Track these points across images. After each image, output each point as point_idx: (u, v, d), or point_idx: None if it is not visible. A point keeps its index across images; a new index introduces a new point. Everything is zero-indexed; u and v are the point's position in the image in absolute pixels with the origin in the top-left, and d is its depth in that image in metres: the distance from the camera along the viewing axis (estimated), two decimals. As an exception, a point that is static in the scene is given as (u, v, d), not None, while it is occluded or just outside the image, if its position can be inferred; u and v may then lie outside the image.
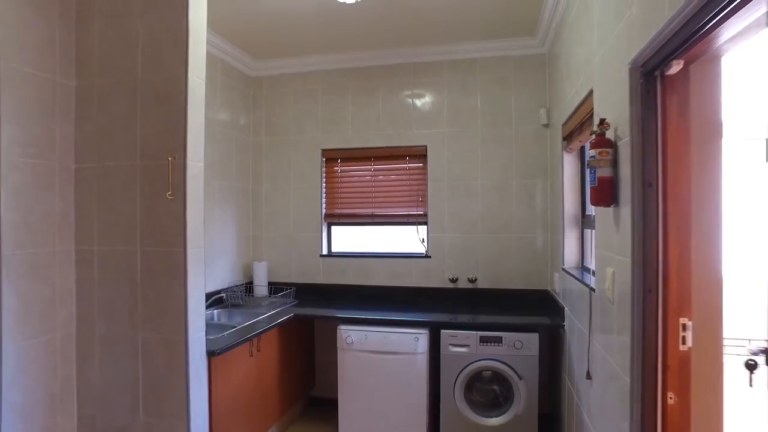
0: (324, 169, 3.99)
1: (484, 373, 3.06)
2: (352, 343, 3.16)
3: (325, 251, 3.99)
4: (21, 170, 2.06)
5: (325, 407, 3.75)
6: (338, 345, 3.20)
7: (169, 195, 2.18)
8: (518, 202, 3.58)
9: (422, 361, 3.07)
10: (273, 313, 3.27)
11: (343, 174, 3.97)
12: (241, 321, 3.06)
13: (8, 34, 1.99)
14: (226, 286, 3.61)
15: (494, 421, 2.98)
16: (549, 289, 3.46)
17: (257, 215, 4.07)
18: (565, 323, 2.87)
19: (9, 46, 1.99)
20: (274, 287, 3.83)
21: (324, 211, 3.99)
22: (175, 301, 2.20)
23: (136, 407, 2.28)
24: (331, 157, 3.97)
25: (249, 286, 3.83)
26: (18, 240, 2.05)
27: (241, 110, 3.91)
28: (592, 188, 1.83)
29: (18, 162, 2.04)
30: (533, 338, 2.93)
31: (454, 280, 3.66)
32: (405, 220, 3.84)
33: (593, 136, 1.84)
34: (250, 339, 2.76)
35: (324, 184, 3.99)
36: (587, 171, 1.92)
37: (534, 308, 3.37)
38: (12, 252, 2.01)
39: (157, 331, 2.23)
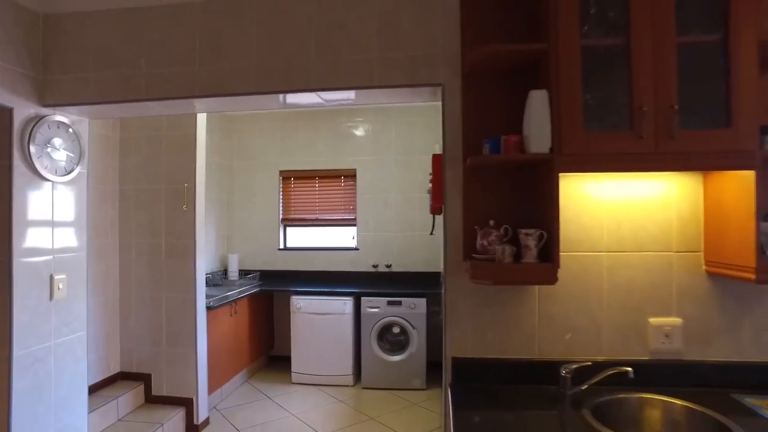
0: (281, 184, 5.37)
1: (393, 328, 4.51)
2: (301, 308, 4.56)
3: (282, 246, 5.37)
4: (95, 192, 3.36)
5: (282, 362, 5.10)
6: (291, 310, 4.60)
7: (184, 207, 3.52)
8: (420, 210, 5.07)
9: (348, 319, 4.51)
10: (244, 288, 4.62)
11: (296, 188, 5.36)
12: (221, 293, 4.38)
13: (89, 111, 3.30)
14: (208, 271, 4.92)
15: (397, 357, 4.45)
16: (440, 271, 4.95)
17: (231, 219, 5.40)
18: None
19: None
20: (244, 273, 5.17)
21: (281, 215, 5.37)
22: (188, 273, 3.54)
23: (161, 341, 3.60)
24: (287, 176, 5.36)
25: (225, 272, 5.15)
26: (93, 235, 3.35)
27: (220, 140, 5.23)
28: (430, 205, 3.31)
29: (95, 187, 3.35)
30: (422, 302, 4.42)
31: (375, 266, 5.12)
32: (340, 222, 5.27)
33: (431, 175, 3.32)
34: (230, 302, 4.12)
35: (281, 196, 5.37)
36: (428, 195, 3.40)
37: (430, 284, 4.85)
38: (92, 242, 3.32)
39: (176, 292, 3.56)
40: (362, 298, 4.51)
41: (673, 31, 1.59)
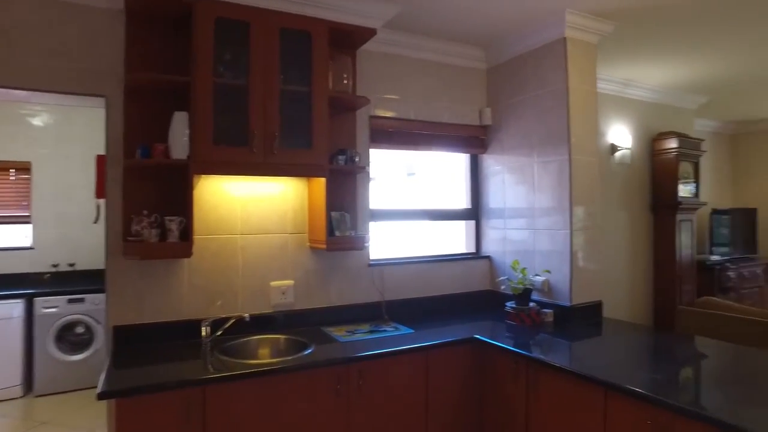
0: (-75, 176, 4.54)
1: (77, 327, 4.39)
2: (-48, 316, 4.02)
3: (-75, 248, 4.54)
4: None
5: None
6: (-62, 320, 4.00)
7: None
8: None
9: (17, 323, 4.20)
10: None
11: (-53, 181, 4.62)
12: None
13: None
14: None
15: (80, 356, 4.37)
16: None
17: None
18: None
19: None
20: None
21: (-76, 212, 4.54)
22: None
23: None
24: (-67, 166, 4.57)
25: None
26: None
27: None
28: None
29: None
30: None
31: (56, 265, 4.84)
32: (11, 220, 4.80)
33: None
34: None
35: (-75, 189, 4.54)
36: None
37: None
38: None
39: None
40: (36, 299, 4.26)
41: (278, 82, 2.34)
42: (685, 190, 4.54)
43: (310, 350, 2.28)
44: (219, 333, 2.34)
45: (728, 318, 3.27)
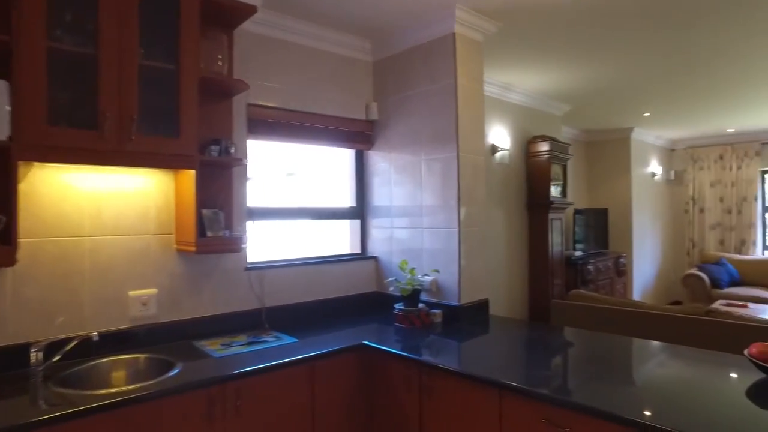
0: None
1: None
2: None
3: None
4: None
5: None
6: None
7: None
8: None
9: None
10: None
11: None
12: None
13: None
14: None
15: None
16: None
17: None
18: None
19: None
20: None
21: None
22: None
23: None
24: None
25: None
26: None
27: None
28: None
29: None
30: None
31: None
32: None
33: None
34: None
35: None
36: None
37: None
38: None
39: None
40: None
41: (137, 56, 1.96)
42: (555, 190, 4.86)
43: (176, 370, 1.95)
44: (57, 358, 1.90)
45: (595, 308, 3.53)
